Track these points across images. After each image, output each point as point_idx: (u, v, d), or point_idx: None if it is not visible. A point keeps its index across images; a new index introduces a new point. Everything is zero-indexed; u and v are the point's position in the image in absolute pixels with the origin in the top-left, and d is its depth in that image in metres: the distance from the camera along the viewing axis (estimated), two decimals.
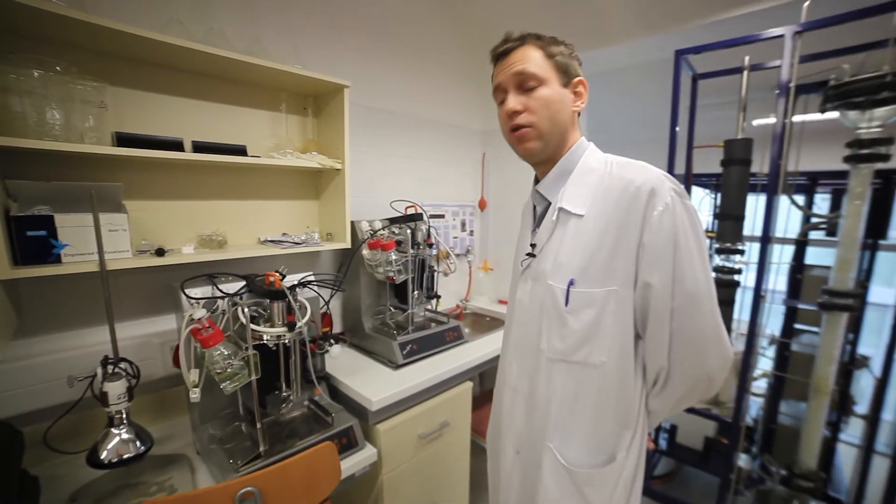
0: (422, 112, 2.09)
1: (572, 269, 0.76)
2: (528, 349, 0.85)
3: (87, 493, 0.98)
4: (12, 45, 0.98)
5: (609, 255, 0.73)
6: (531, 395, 0.84)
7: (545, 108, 0.77)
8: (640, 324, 0.76)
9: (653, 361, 0.76)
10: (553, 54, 0.78)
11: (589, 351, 0.76)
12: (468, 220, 2.45)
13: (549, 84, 0.77)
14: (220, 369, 0.96)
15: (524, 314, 0.87)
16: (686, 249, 0.70)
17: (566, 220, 0.79)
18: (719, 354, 0.73)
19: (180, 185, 1.30)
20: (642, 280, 0.72)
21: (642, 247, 0.71)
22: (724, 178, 1.61)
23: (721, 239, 1.63)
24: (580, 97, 0.81)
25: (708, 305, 0.72)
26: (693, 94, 1.78)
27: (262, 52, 1.35)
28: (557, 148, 0.82)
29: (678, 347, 0.73)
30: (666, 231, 0.70)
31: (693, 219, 0.72)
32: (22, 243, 0.96)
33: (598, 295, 0.74)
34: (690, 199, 0.75)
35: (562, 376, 0.79)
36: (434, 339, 1.64)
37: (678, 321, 0.71)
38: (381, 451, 1.28)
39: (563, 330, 0.77)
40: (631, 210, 0.72)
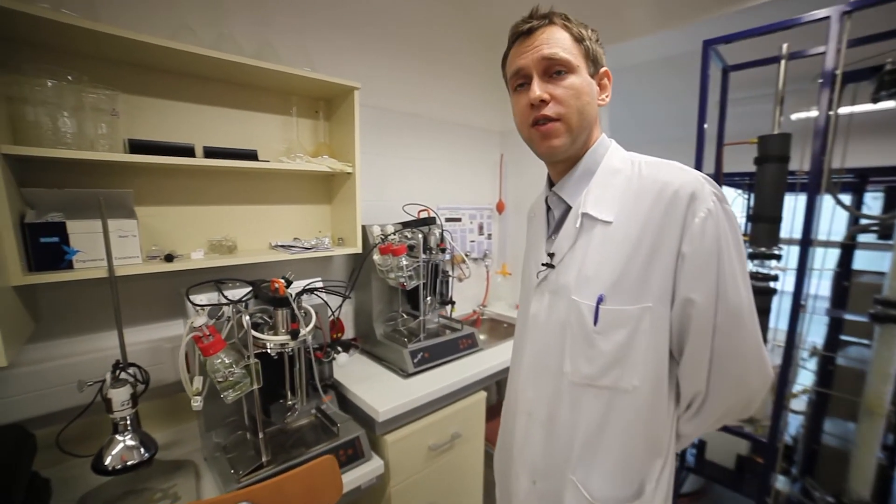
0: (438, 113, 2.05)
1: (601, 284, 0.68)
2: (546, 371, 0.76)
3: (95, 497, 0.99)
4: (26, 55, 1.00)
5: (643, 267, 0.65)
6: (550, 421, 0.76)
7: (576, 98, 0.68)
8: (676, 344, 0.68)
9: (689, 384, 0.69)
10: (582, 38, 0.70)
11: (620, 374, 0.68)
12: (486, 224, 2.39)
13: (579, 72, 0.68)
14: (222, 378, 0.95)
15: (540, 332, 0.78)
16: (729, 261, 0.63)
17: (591, 227, 0.71)
18: (760, 375, 0.66)
19: (191, 190, 1.31)
20: (683, 295, 0.64)
21: (682, 258, 0.64)
22: (759, 176, 1.49)
23: (755, 242, 1.51)
24: (605, 90, 0.74)
25: (750, 322, 0.65)
26: (724, 87, 1.66)
27: (273, 56, 1.35)
28: (584, 143, 0.74)
29: (718, 369, 0.66)
30: (709, 240, 0.62)
31: (735, 226, 0.65)
32: (36, 250, 0.97)
33: (632, 312, 0.66)
34: (730, 205, 0.67)
35: (588, 402, 0.71)
36: (447, 346, 1.59)
37: (719, 340, 0.64)
38: (388, 462, 1.24)
39: (591, 352, 0.69)
40: (668, 216, 0.64)
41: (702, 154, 1.49)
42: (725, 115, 1.64)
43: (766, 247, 1.48)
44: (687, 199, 0.63)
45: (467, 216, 2.28)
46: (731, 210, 0.66)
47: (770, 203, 1.47)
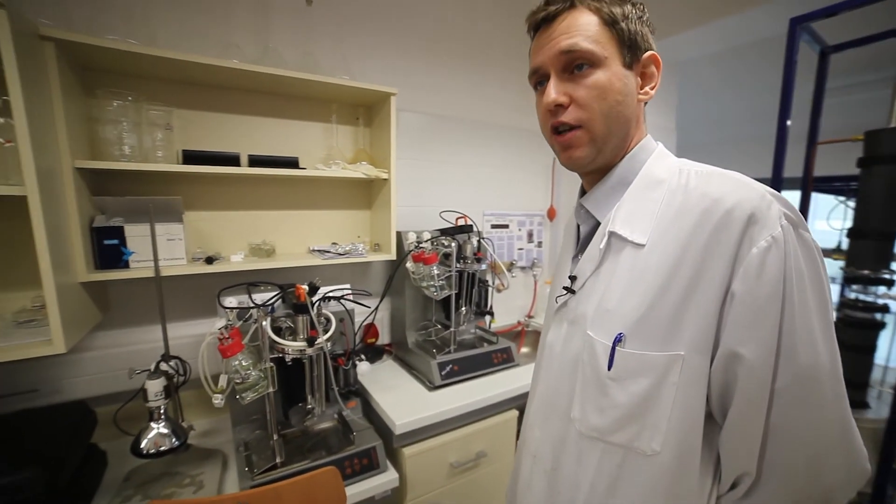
0: (484, 116, 1.99)
1: (622, 320, 0.56)
2: (554, 412, 0.66)
3: (139, 474, 1.09)
4: (97, 81, 1.13)
5: (678, 304, 0.52)
6: (555, 470, 0.66)
7: (601, 99, 0.56)
8: (717, 406, 0.54)
9: (732, 461, 0.54)
10: (615, 19, 0.56)
11: (637, 433, 0.55)
12: (536, 231, 2.27)
13: (607, 65, 0.56)
14: (240, 379, 0.99)
15: (554, 365, 0.67)
16: (803, 308, 0.48)
17: (619, 248, 0.59)
18: (846, 465, 0.50)
19: (236, 196, 1.40)
20: (728, 347, 0.50)
21: (731, 298, 0.50)
22: (864, 182, 1.20)
23: (856, 263, 1.23)
24: (650, 80, 0.60)
25: (832, 391, 0.49)
26: (820, 73, 1.37)
27: (314, 65, 1.40)
28: (614, 152, 0.61)
29: (776, 449, 0.51)
30: (771, 278, 0.48)
31: (814, 261, 0.50)
32: (100, 250, 1.11)
33: (656, 360, 0.53)
34: (810, 232, 0.51)
35: (596, 459, 0.59)
36: (479, 360, 1.53)
37: (782, 412, 0.49)
38: (405, 476, 1.22)
39: (603, 401, 0.57)
40: (716, 242, 0.50)
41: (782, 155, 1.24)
42: (821, 108, 1.36)
43: (872, 269, 1.19)
44: (744, 222, 0.49)
45: (516, 223, 2.19)
46: (811, 238, 0.51)
47: (879, 214, 1.18)
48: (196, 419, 1.31)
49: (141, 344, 1.31)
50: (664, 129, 1.98)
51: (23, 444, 0.91)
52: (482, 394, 1.38)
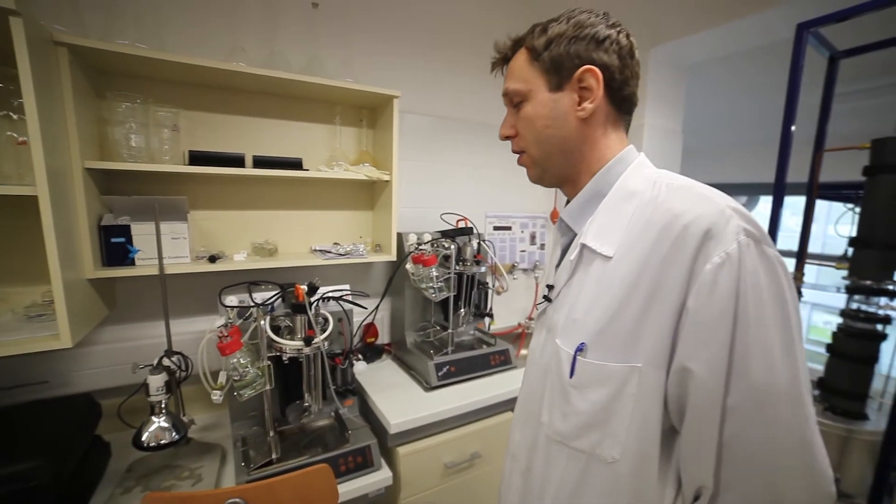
0: (487, 117, 1.99)
1: (586, 330, 0.58)
2: (530, 416, 0.69)
3: (140, 466, 1.12)
4: (107, 84, 1.17)
5: (637, 317, 0.53)
6: (528, 470, 0.69)
7: (530, 127, 0.64)
8: (675, 419, 0.55)
9: (691, 472, 0.54)
10: (538, 52, 0.61)
11: (597, 441, 0.57)
12: (539, 233, 2.27)
13: (532, 97, 0.63)
14: (238, 376, 1.02)
15: (532, 371, 0.71)
16: (758, 323, 0.47)
17: (590, 260, 0.60)
18: (807, 486, 0.48)
19: (241, 195, 1.43)
20: (680, 362, 0.51)
21: (686, 313, 0.50)
22: (869, 191, 1.19)
23: (858, 273, 1.21)
24: (588, 94, 0.60)
25: (790, 410, 0.48)
26: (829, 78, 1.35)
27: (319, 68, 1.42)
28: (565, 169, 0.65)
29: (733, 464, 0.50)
30: (723, 294, 0.48)
31: (775, 277, 0.49)
32: (108, 248, 1.15)
33: (614, 371, 0.55)
34: (774, 247, 0.50)
35: (562, 463, 0.62)
36: (476, 361, 1.54)
37: (735, 427, 0.49)
38: (399, 475, 1.24)
39: (566, 407, 0.60)
40: (673, 258, 0.51)
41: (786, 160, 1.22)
42: (829, 113, 1.34)
43: (875, 280, 1.17)
44: (699, 238, 0.49)
45: (518, 225, 2.19)
46: (774, 254, 0.50)
47: (884, 225, 1.16)
48: (197, 413, 1.34)
49: (145, 339, 1.35)
50: (671, 132, 1.96)
51: (31, 434, 0.95)
52: (478, 395, 1.40)
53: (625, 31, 0.62)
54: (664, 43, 1.67)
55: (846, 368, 1.23)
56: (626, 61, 0.60)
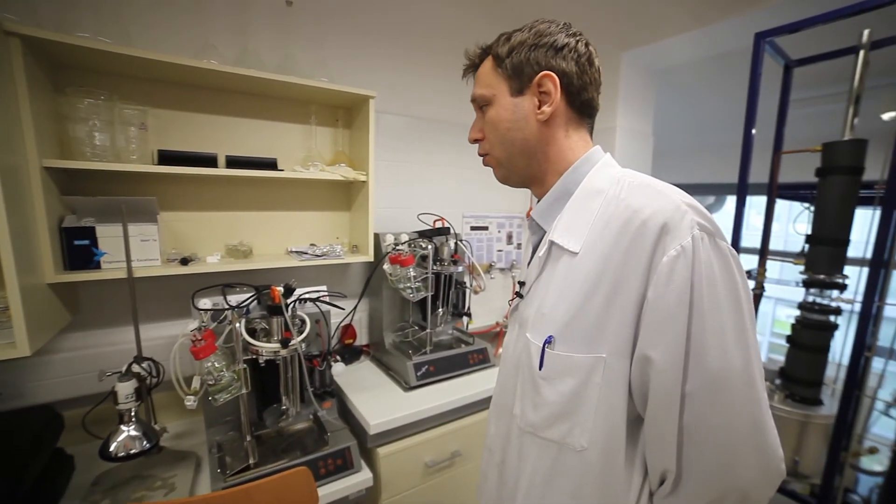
0: (464, 118, 2.01)
1: (553, 323, 0.60)
2: (503, 409, 0.71)
3: (107, 479, 1.08)
4: (67, 79, 1.12)
5: (601, 310, 0.56)
6: (503, 462, 0.71)
7: (494, 130, 0.68)
8: (640, 406, 0.58)
9: (655, 458, 0.57)
10: (501, 59, 0.65)
11: (567, 430, 0.59)
12: (515, 233, 2.30)
13: (496, 101, 0.66)
14: (212, 381, 0.99)
15: (505, 365, 0.73)
16: (712, 312, 0.50)
17: (558, 256, 0.63)
18: (759, 464, 0.52)
19: (214, 196, 1.39)
20: (641, 351, 0.54)
21: (646, 304, 0.53)
22: (821, 191, 1.27)
23: (812, 268, 1.29)
24: (548, 97, 0.63)
25: (744, 393, 0.51)
26: (785, 85, 1.44)
27: (294, 67, 1.40)
28: (528, 169, 0.68)
29: (692, 448, 0.53)
30: (679, 285, 0.50)
31: (728, 268, 0.52)
32: (70, 251, 1.09)
33: (581, 361, 0.57)
34: (726, 240, 0.54)
35: (533, 453, 0.64)
36: (455, 360, 1.55)
37: (693, 412, 0.52)
38: (380, 475, 1.23)
39: (537, 398, 0.62)
40: (633, 251, 0.54)
41: (748, 162, 1.30)
42: (786, 118, 1.43)
43: (827, 274, 1.25)
44: (657, 232, 0.52)
45: (495, 225, 2.21)
46: (726, 246, 0.53)
47: (834, 222, 1.24)
48: (169, 421, 1.30)
49: (112, 346, 1.29)
50: (641, 134, 2.03)
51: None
52: (458, 394, 1.41)
53: (584, 41, 0.65)
54: (634, 48, 1.73)
55: (803, 358, 1.32)
56: (584, 68, 0.63)
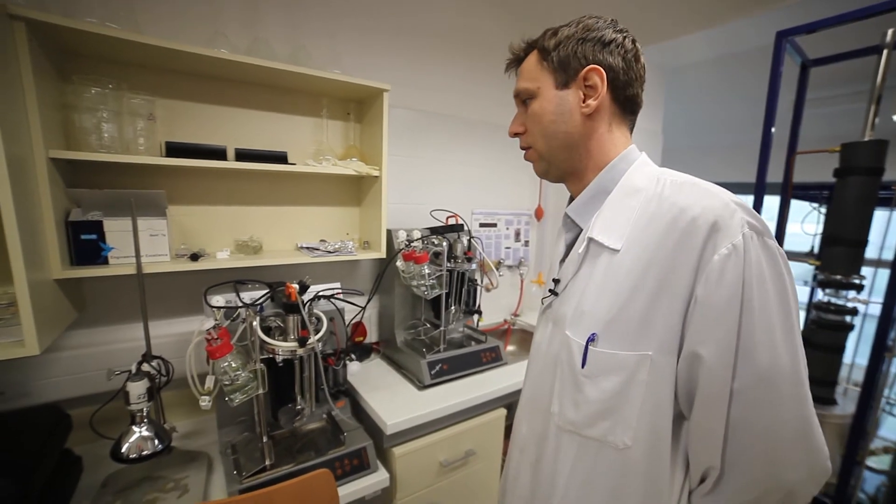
0: (477, 115, 1.98)
1: (596, 321, 0.59)
2: (538, 408, 0.70)
3: (117, 480, 1.05)
4: (73, 67, 1.07)
5: (647, 307, 0.55)
6: (538, 462, 0.69)
7: (537, 123, 0.67)
8: (684, 404, 0.58)
9: (698, 456, 0.58)
10: (547, 52, 0.64)
11: (609, 428, 0.59)
12: (523, 230, 2.29)
13: (540, 94, 0.65)
14: (228, 381, 0.96)
15: (539, 364, 0.72)
16: (763, 311, 0.51)
17: (597, 254, 0.62)
18: (805, 463, 0.52)
19: (223, 190, 1.36)
20: (690, 348, 0.54)
21: (695, 302, 0.53)
22: (839, 191, 1.27)
23: (828, 268, 1.29)
24: (594, 91, 0.62)
25: (791, 392, 0.51)
26: (801, 85, 1.43)
27: (306, 58, 1.36)
28: (570, 163, 0.67)
29: (738, 445, 0.53)
30: (730, 283, 0.51)
31: (777, 267, 0.52)
32: (77, 246, 1.05)
33: (627, 359, 0.57)
34: (775, 239, 0.54)
35: (573, 451, 0.63)
36: (468, 359, 1.53)
37: (740, 410, 0.52)
38: (395, 475, 1.21)
39: (578, 396, 0.61)
40: (682, 249, 0.53)
41: (766, 162, 1.29)
42: (801, 118, 1.42)
43: (844, 274, 1.26)
44: (707, 230, 0.52)
45: (503, 222, 2.20)
46: (775, 245, 0.53)
47: (851, 223, 1.24)
48: (179, 420, 1.27)
49: (119, 343, 1.26)
50: (651, 132, 2.02)
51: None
52: (471, 393, 1.39)
53: (631, 37, 0.64)
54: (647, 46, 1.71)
55: (818, 358, 1.32)
56: (630, 64, 0.63)
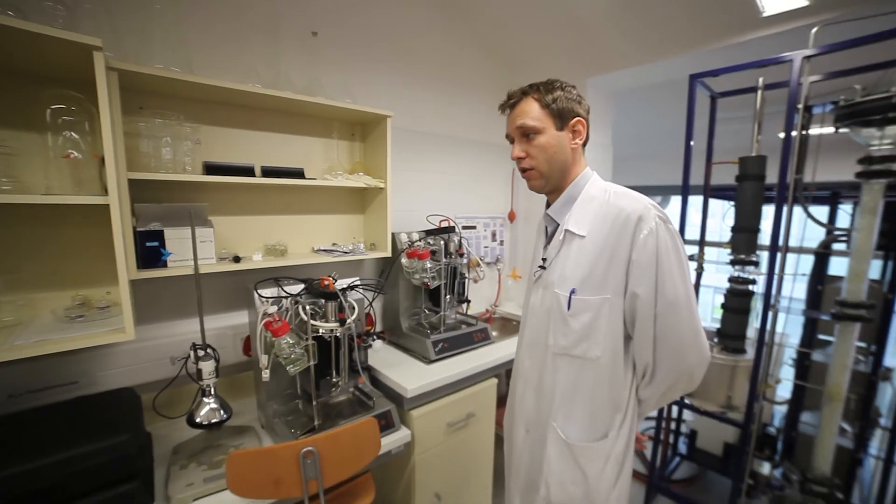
0: (457, 132, 2.29)
1: (574, 280, 0.91)
2: (538, 346, 1.01)
3: (185, 448, 1.24)
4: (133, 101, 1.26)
5: (604, 269, 0.88)
6: (539, 383, 1.00)
7: (542, 152, 0.93)
8: (629, 326, 0.90)
9: (640, 357, 0.90)
10: (548, 103, 0.91)
11: (587, 347, 0.90)
12: (499, 231, 2.62)
13: (545, 132, 0.92)
14: (286, 355, 1.19)
15: (535, 317, 1.02)
16: (667, 265, 0.84)
17: (571, 239, 0.94)
18: (697, 353, 0.87)
19: (251, 202, 1.57)
20: (630, 290, 0.86)
21: (631, 263, 0.85)
22: (739, 192, 1.69)
23: (736, 251, 1.71)
24: (578, 135, 0.94)
25: (686, 311, 0.85)
26: (712, 112, 1.86)
27: (319, 88, 1.61)
28: (559, 181, 0.97)
29: (661, 346, 0.87)
30: (650, 250, 0.84)
31: (674, 240, 0.86)
32: (143, 252, 1.24)
33: (595, 301, 0.89)
34: (673, 224, 0.89)
35: (564, 367, 0.94)
36: (463, 338, 1.82)
37: (660, 324, 0.85)
38: (414, 433, 1.47)
39: (566, 329, 0.92)
40: (622, 233, 0.86)
41: (688, 171, 1.70)
42: (713, 136, 1.85)
43: (745, 254, 1.68)
44: (636, 221, 0.85)
45: (482, 224, 2.51)
46: (673, 228, 0.88)
47: (748, 216, 1.67)
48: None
49: (162, 339, 1.42)
50: (603, 145, 2.42)
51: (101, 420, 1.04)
52: (469, 365, 1.67)
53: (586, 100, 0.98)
54: (597, 75, 2.10)
55: (732, 319, 1.73)
56: (588, 116, 0.97)
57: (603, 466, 0.91)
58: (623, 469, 0.94)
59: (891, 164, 1.34)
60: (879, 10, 1.29)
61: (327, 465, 1.08)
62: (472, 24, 2.22)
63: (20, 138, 1.11)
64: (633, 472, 1.00)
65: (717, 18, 1.64)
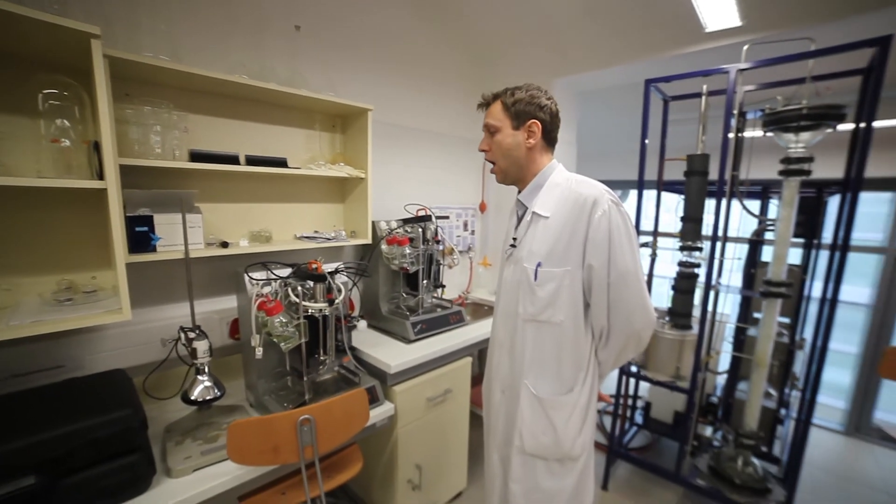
0: (431, 126, 2.39)
1: (540, 255, 1.05)
2: (510, 314, 1.14)
3: (177, 427, 1.28)
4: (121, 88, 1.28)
5: (565, 245, 1.02)
6: (511, 348, 1.14)
7: (499, 148, 1.09)
8: (587, 294, 1.05)
9: (597, 322, 1.06)
10: (510, 105, 1.05)
11: (552, 313, 1.05)
12: (470, 221, 2.75)
13: (503, 130, 1.07)
14: (279, 333, 1.26)
15: (507, 288, 1.16)
16: (618, 242, 0.98)
17: (537, 220, 1.08)
18: (644, 318, 1.03)
19: (236, 190, 1.61)
20: (587, 263, 1.01)
21: (588, 240, 1.00)
22: (687, 186, 1.90)
23: (684, 238, 1.92)
24: (533, 135, 1.06)
25: (634, 281, 1.00)
26: (665, 113, 2.06)
27: (301, 81, 1.66)
28: (517, 174, 1.12)
29: (614, 311, 1.02)
30: (603, 229, 0.98)
31: (625, 220, 1.00)
32: (132, 236, 1.27)
33: (558, 273, 1.03)
34: (625, 207, 1.03)
35: (532, 332, 1.08)
36: (440, 320, 1.93)
37: (613, 292, 1.00)
38: (397, 407, 1.58)
39: (533, 297, 1.07)
40: (580, 214, 1.00)
41: (643, 166, 1.90)
42: (666, 136, 2.05)
43: (692, 241, 1.89)
44: (591, 204, 0.99)
45: (454, 214, 2.63)
46: (625, 210, 1.02)
47: (695, 207, 1.88)
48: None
49: (150, 322, 1.45)
50: (568, 142, 2.60)
51: (99, 397, 1.08)
52: (446, 343, 1.79)
53: (554, 101, 1.11)
54: (563, 76, 2.26)
55: (680, 299, 1.95)
56: (554, 119, 1.10)
57: (569, 416, 1.06)
58: (587, 419, 1.09)
59: (804, 164, 1.57)
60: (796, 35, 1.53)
61: (322, 433, 1.16)
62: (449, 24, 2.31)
63: (8, 122, 1.12)
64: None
65: (668, 31, 1.84)
